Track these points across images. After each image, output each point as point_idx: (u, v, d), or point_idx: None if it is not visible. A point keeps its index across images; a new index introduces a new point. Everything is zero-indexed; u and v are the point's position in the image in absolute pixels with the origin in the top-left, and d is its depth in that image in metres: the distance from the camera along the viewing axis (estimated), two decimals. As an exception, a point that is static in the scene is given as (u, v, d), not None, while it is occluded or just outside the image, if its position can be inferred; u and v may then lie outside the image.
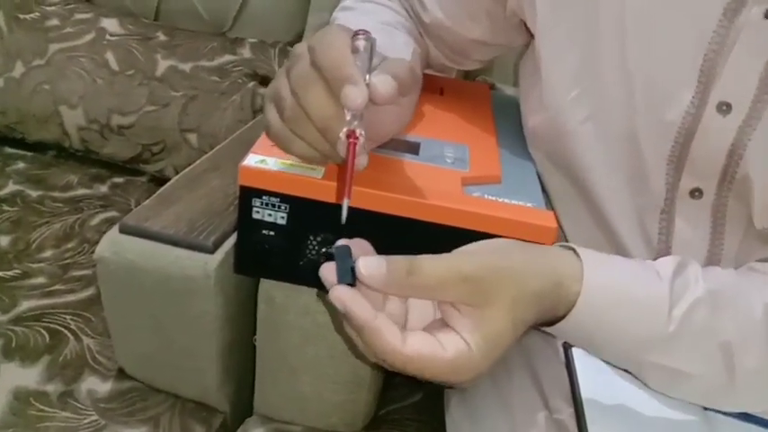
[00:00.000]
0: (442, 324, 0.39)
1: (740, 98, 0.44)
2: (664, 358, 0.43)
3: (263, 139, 0.49)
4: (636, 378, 0.48)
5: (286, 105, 0.41)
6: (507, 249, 0.41)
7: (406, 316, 0.40)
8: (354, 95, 0.37)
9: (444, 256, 0.38)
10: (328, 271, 0.37)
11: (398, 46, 0.56)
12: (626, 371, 0.48)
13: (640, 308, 0.43)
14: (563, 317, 0.42)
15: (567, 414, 0.50)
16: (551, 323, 0.43)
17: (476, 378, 0.38)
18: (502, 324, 0.38)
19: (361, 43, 0.42)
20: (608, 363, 0.48)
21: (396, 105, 0.43)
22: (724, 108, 0.45)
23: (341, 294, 0.36)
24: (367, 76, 0.40)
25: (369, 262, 0.36)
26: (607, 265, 0.44)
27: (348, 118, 0.39)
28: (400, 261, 0.37)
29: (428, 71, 0.68)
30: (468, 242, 0.41)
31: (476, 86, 0.78)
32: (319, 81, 0.39)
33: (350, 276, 0.37)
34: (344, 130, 0.39)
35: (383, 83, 0.39)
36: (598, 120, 0.49)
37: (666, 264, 0.45)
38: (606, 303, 0.42)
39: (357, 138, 0.39)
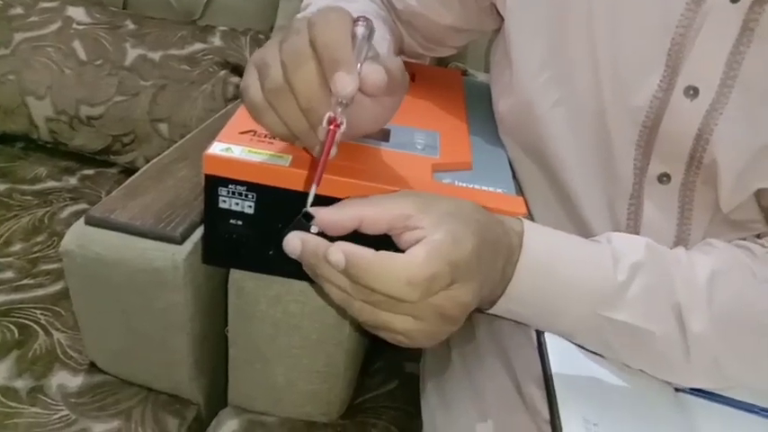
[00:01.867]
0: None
1: (707, 82, 0.44)
2: (618, 313, 0.44)
3: (228, 128, 0.48)
4: (606, 359, 0.49)
5: (270, 74, 0.39)
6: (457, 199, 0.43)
7: None
8: (346, 83, 0.36)
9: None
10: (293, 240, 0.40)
11: (376, 38, 0.56)
12: (596, 353, 0.48)
13: (586, 261, 0.44)
14: (510, 277, 0.43)
15: (539, 398, 0.50)
16: (495, 300, 0.44)
17: (452, 265, 0.37)
18: (455, 221, 0.39)
19: (360, 30, 0.40)
20: (574, 343, 0.49)
21: (378, 104, 0.42)
22: (691, 92, 0.45)
23: (340, 249, 0.37)
24: (359, 65, 0.38)
25: (322, 212, 0.40)
26: (547, 230, 0.45)
27: (334, 103, 0.38)
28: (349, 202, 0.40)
29: (402, 58, 0.67)
30: None
31: (448, 73, 0.78)
32: (312, 59, 0.37)
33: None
34: (328, 115, 0.38)
35: (375, 72, 0.38)
36: (567, 104, 0.49)
37: (604, 232, 0.47)
38: (550, 260, 0.43)
39: (338, 125, 0.38)
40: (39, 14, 1.03)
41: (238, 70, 1.00)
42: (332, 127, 0.38)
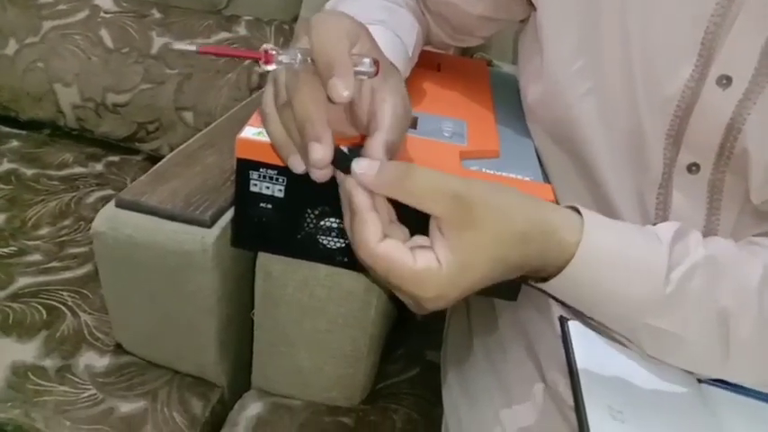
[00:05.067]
0: (427, 247, 0.39)
1: (740, 72, 0.44)
2: (659, 321, 0.44)
3: (259, 113, 0.49)
4: (630, 348, 0.49)
5: (281, 93, 0.41)
6: (506, 189, 0.42)
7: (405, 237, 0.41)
8: (340, 88, 0.37)
9: (442, 172, 0.39)
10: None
11: (403, 27, 0.56)
12: (618, 340, 0.48)
13: (639, 267, 0.43)
14: (557, 270, 0.42)
15: (563, 387, 0.50)
16: (544, 278, 0.43)
17: (438, 299, 0.39)
18: (479, 253, 0.38)
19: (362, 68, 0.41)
20: (602, 328, 0.49)
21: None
22: (724, 82, 0.44)
23: (348, 181, 0.39)
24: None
25: (362, 162, 0.38)
26: (608, 223, 0.44)
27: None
28: (396, 164, 0.38)
29: (428, 48, 0.68)
30: None
31: (473, 62, 0.78)
32: (305, 84, 0.39)
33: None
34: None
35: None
36: (598, 93, 0.49)
37: (666, 228, 0.45)
38: (606, 257, 0.42)
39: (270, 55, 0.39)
40: (67, 3, 1.05)
41: (263, 60, 1.01)
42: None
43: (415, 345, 0.76)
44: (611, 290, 0.43)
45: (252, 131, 0.47)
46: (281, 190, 0.48)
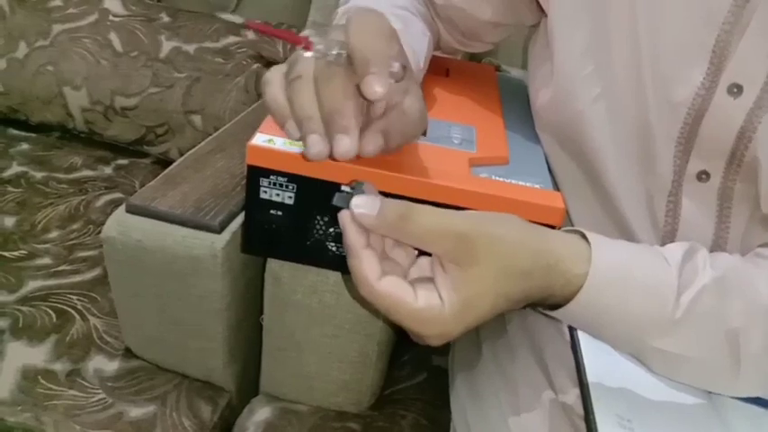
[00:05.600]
0: (429, 279, 0.39)
1: (752, 80, 0.44)
2: (667, 344, 0.43)
3: (270, 119, 0.49)
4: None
5: (292, 70, 0.41)
6: (508, 221, 0.41)
7: (409, 268, 0.41)
8: (375, 85, 0.37)
9: (442, 210, 0.39)
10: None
11: (416, 37, 0.56)
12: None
13: (648, 292, 0.42)
14: (564, 300, 0.42)
15: (572, 394, 0.50)
16: (552, 306, 0.43)
17: (441, 337, 0.39)
18: (482, 290, 0.38)
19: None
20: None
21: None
22: (735, 90, 0.44)
23: (344, 216, 0.39)
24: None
25: (362, 200, 0.38)
26: (616, 248, 0.44)
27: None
28: (396, 204, 0.38)
29: (437, 53, 0.68)
30: None
31: (482, 68, 0.78)
32: (338, 76, 0.39)
33: None
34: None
35: (372, 142, 0.40)
36: (608, 99, 0.49)
37: (675, 250, 0.45)
38: (614, 286, 0.42)
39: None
40: (76, 6, 1.05)
41: (271, 64, 1.01)
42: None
43: (422, 350, 0.76)
44: (619, 317, 0.43)
45: (263, 138, 0.47)
46: (291, 197, 0.48)
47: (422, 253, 0.41)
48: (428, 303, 0.38)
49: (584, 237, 0.43)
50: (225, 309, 0.59)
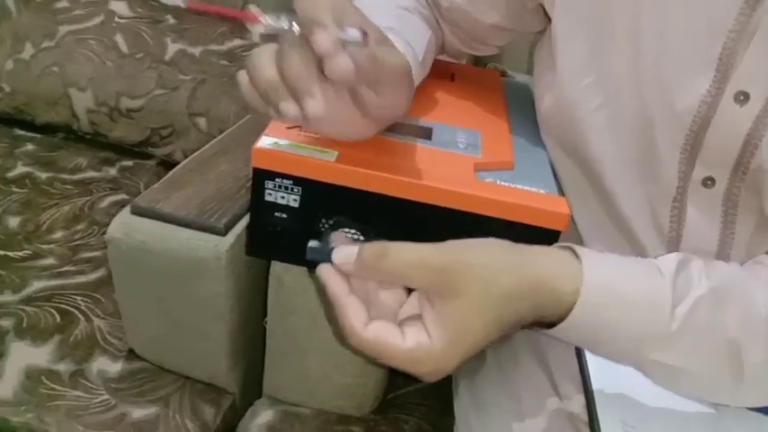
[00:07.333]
0: (418, 316, 0.39)
1: (759, 88, 0.44)
2: (665, 356, 0.43)
3: (275, 122, 0.49)
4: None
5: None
6: (488, 247, 0.40)
7: (398, 309, 0.40)
8: (322, 39, 0.36)
9: (420, 245, 0.38)
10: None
11: (414, 33, 0.56)
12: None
13: (642, 306, 0.42)
14: (558, 318, 0.41)
15: (576, 401, 0.50)
16: (547, 325, 0.42)
17: (436, 373, 0.38)
18: (469, 320, 0.38)
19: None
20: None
21: (383, 94, 0.43)
22: (741, 98, 0.44)
23: (322, 270, 0.39)
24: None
25: (341, 251, 0.39)
26: (607, 262, 0.43)
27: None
28: (372, 244, 0.38)
29: (442, 56, 0.68)
30: (480, 227, 0.41)
31: (487, 73, 0.78)
32: (293, 46, 0.39)
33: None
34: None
35: (340, 61, 0.38)
36: (610, 108, 0.49)
37: (669, 261, 0.44)
38: (607, 302, 0.41)
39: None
40: (83, 8, 1.06)
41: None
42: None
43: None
44: (615, 332, 0.42)
45: (268, 141, 0.47)
46: (296, 200, 0.48)
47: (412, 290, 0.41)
48: (417, 342, 0.37)
49: (574, 252, 0.42)
50: (228, 311, 0.59)
